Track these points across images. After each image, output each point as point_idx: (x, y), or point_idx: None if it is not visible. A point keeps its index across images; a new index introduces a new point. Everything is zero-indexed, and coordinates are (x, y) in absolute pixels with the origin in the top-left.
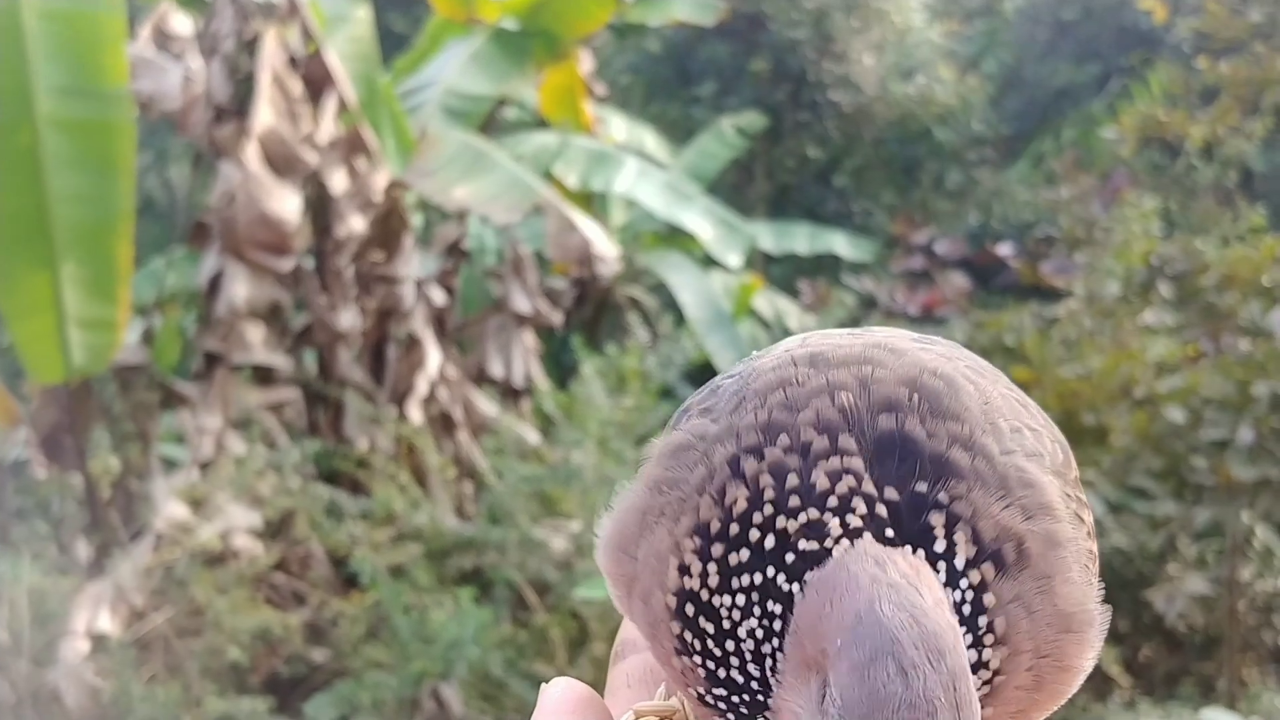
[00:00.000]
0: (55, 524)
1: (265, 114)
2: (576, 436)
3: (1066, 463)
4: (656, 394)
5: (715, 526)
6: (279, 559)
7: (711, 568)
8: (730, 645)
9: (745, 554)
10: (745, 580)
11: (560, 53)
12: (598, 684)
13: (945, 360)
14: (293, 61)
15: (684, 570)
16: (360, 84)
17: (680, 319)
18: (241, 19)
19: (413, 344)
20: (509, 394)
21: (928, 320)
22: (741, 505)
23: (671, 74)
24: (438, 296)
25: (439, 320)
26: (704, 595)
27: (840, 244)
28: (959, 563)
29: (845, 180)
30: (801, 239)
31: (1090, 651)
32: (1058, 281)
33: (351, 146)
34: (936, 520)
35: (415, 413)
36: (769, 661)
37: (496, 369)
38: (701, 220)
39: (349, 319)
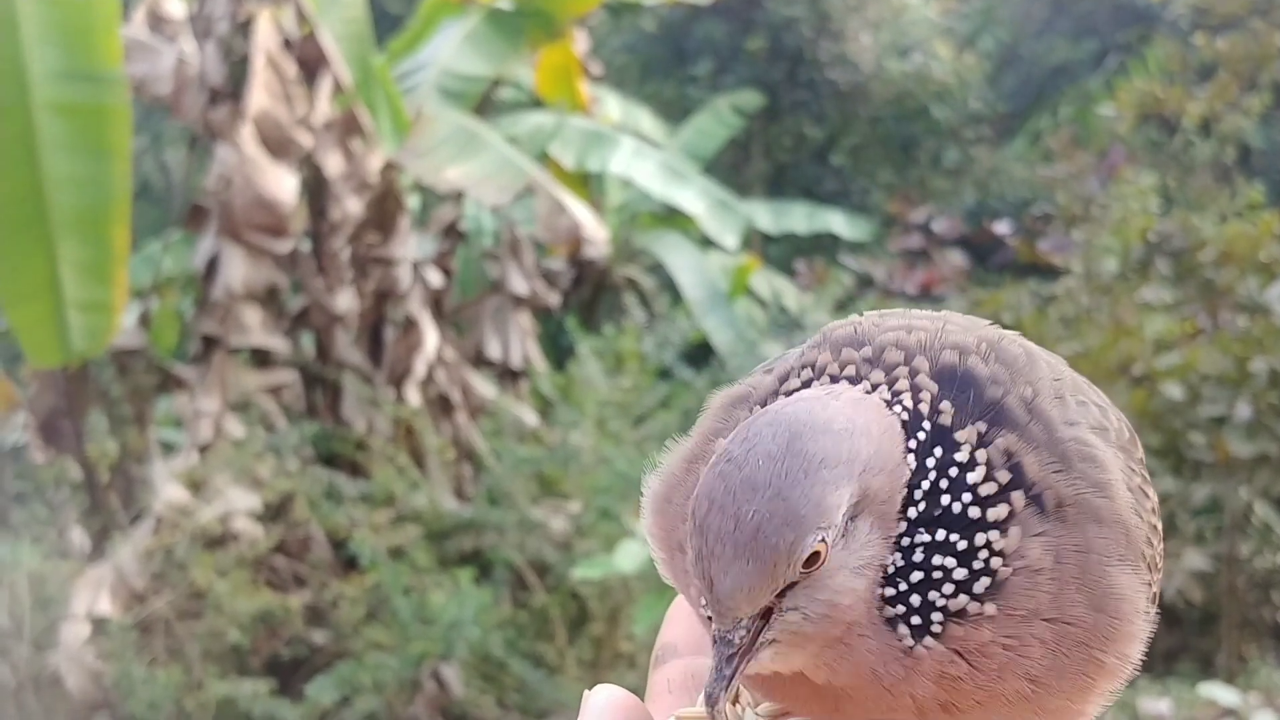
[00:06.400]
0: (54, 508)
1: (259, 96)
2: (574, 417)
3: (1133, 441)
4: (654, 374)
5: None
6: (279, 541)
7: None
8: None
9: None
10: None
11: (555, 32)
12: (597, 663)
13: (1021, 337)
14: (287, 43)
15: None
16: (355, 65)
17: (677, 299)
18: (235, 1)
19: (410, 326)
20: (507, 375)
21: (925, 299)
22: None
23: (667, 53)
24: (435, 278)
25: (436, 302)
26: None
27: (838, 223)
28: (975, 476)
29: (843, 159)
30: (799, 218)
31: (1124, 647)
32: (1055, 259)
33: (347, 128)
34: (964, 437)
35: (413, 395)
36: None
37: (494, 350)
38: (697, 200)
39: (346, 301)
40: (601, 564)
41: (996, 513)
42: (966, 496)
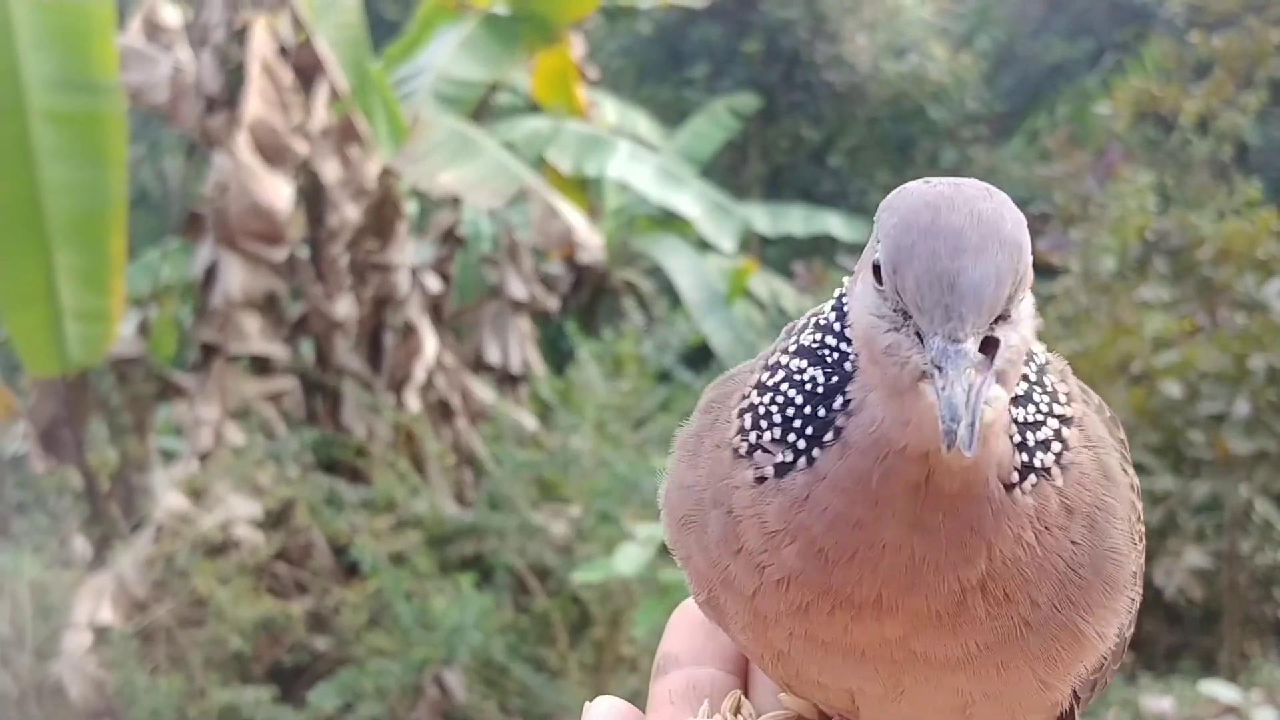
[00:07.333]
0: (55, 517)
1: (256, 104)
2: (574, 421)
3: (1114, 421)
4: (653, 377)
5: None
6: (280, 548)
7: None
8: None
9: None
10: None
11: (551, 37)
12: (599, 667)
13: None
14: (283, 50)
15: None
16: (351, 71)
17: (676, 302)
18: (231, 9)
19: (409, 332)
20: (506, 380)
21: None
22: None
23: (663, 56)
24: (433, 284)
25: (435, 307)
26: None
27: (835, 225)
28: (1046, 361)
29: (840, 160)
30: (797, 220)
31: (1105, 620)
32: (1053, 258)
33: (344, 135)
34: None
35: (413, 400)
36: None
37: (493, 355)
38: (694, 203)
39: (345, 307)
40: (602, 567)
41: (1067, 398)
42: (1041, 359)
